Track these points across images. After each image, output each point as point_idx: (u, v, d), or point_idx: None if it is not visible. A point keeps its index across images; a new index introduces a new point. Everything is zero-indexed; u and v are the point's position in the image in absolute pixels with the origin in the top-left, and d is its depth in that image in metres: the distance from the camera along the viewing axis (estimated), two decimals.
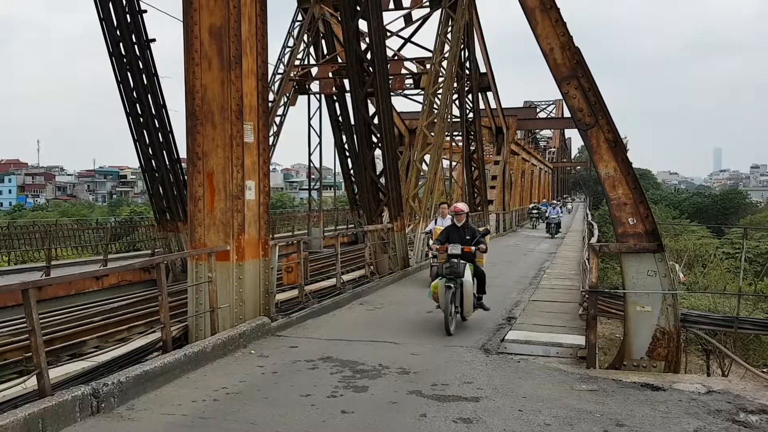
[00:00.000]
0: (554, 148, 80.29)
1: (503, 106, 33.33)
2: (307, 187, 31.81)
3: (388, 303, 11.01)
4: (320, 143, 22.99)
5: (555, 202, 38.53)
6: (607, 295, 7.99)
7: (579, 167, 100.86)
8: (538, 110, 63.31)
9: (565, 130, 77.64)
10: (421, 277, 14.25)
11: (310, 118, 22.86)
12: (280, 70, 23.04)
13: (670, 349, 6.77)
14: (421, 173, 19.27)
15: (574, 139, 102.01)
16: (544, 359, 7.26)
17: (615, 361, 7.09)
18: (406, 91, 22.60)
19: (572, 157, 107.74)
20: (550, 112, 71.91)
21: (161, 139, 14.38)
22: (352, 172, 22.16)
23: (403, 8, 21.31)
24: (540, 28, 7.41)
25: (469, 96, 26.22)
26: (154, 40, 14.12)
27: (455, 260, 8.52)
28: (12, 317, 9.18)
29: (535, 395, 5.80)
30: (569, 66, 7.29)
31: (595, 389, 6.00)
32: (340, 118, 22.59)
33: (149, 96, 14.11)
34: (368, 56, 13.75)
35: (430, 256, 11.58)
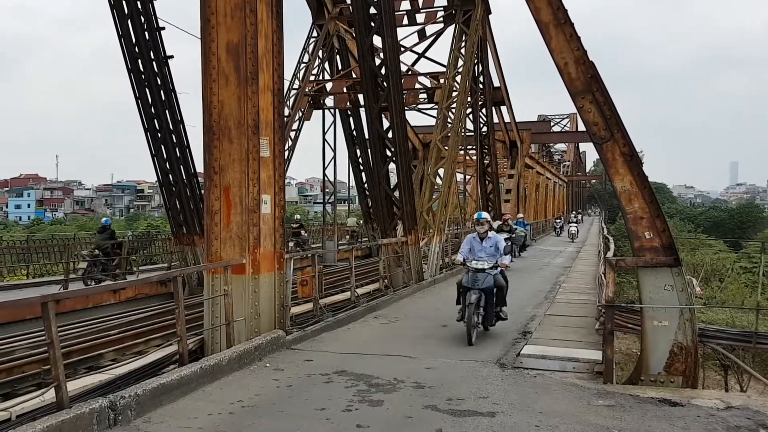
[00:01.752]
0: (569, 161, 79.95)
1: (517, 120, 33.30)
2: (321, 200, 31.91)
3: (402, 317, 10.99)
4: (334, 157, 23.14)
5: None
6: (623, 310, 7.93)
7: (594, 181, 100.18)
8: (552, 124, 63.25)
9: (580, 144, 77.36)
10: (436, 291, 14.20)
11: (324, 133, 23.04)
12: (296, 86, 23.22)
13: (688, 364, 6.70)
14: (435, 187, 19.26)
15: (589, 152, 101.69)
16: (560, 374, 7.20)
17: (632, 376, 7.02)
18: (420, 106, 22.68)
19: (587, 170, 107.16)
20: (565, 125, 71.70)
21: (178, 154, 14.60)
22: (366, 186, 22.23)
23: (417, 24, 21.46)
24: (554, 43, 7.44)
25: (483, 110, 26.24)
26: (171, 56, 14.39)
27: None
28: (31, 330, 9.30)
29: (551, 410, 5.75)
30: (584, 80, 7.30)
31: (613, 405, 5.95)
32: (354, 133, 22.72)
33: (167, 111, 14.35)
34: (382, 71, 13.86)
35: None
